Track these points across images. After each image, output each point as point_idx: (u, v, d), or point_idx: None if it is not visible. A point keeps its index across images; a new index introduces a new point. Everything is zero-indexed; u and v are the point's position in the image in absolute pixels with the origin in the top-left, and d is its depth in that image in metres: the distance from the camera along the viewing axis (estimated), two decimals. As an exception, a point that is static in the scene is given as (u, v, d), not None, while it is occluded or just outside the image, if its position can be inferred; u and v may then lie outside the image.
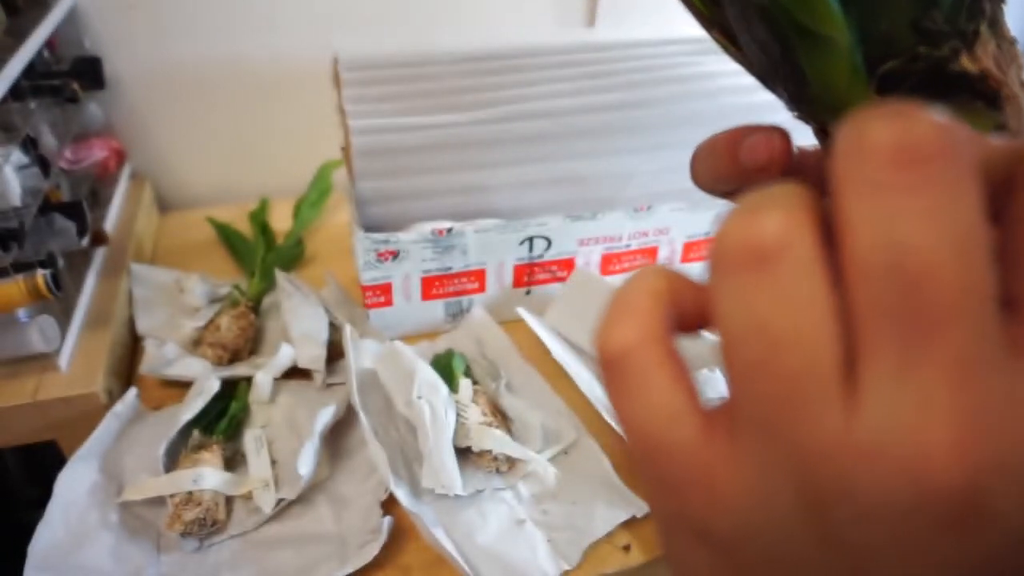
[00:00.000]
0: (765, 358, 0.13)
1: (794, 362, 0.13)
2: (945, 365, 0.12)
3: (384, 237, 0.68)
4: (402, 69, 0.76)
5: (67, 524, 0.54)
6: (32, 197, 0.67)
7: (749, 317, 0.13)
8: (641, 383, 0.15)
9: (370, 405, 0.64)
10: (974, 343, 0.12)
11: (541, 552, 0.55)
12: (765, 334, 0.13)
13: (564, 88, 0.76)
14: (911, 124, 0.12)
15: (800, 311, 0.13)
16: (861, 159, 0.13)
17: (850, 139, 0.13)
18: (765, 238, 0.13)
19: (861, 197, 0.13)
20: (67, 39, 0.86)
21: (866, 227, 0.13)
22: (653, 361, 0.15)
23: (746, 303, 0.13)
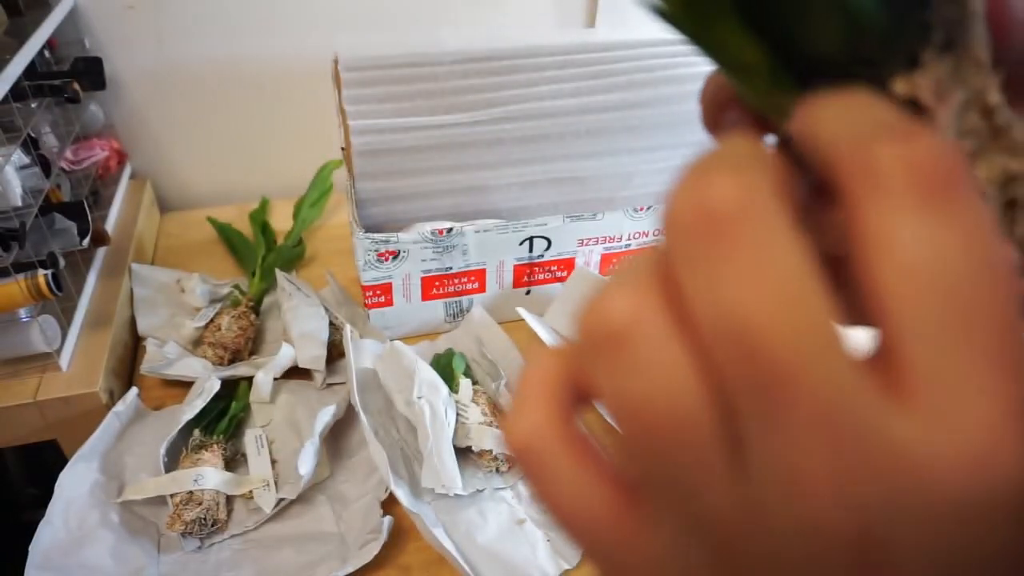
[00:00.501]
0: (639, 432, 0.14)
1: (667, 433, 0.13)
2: (805, 425, 0.12)
3: (384, 237, 0.68)
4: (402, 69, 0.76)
5: (68, 523, 0.54)
6: (33, 197, 0.68)
7: (617, 395, 0.14)
8: (550, 469, 0.16)
9: (370, 405, 0.64)
10: (828, 395, 0.12)
11: (541, 551, 0.55)
12: (636, 411, 0.13)
13: (564, 88, 0.76)
14: (705, 189, 0.13)
15: (659, 383, 0.13)
16: (673, 234, 0.13)
17: (664, 210, 0.13)
18: (617, 320, 0.14)
19: (685, 272, 0.13)
20: (67, 39, 0.86)
21: (697, 302, 0.13)
22: (556, 446, 0.16)
23: (610, 379, 0.14)
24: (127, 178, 0.94)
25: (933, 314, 0.12)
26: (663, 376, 0.13)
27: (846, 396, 0.12)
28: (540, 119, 0.75)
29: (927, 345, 0.12)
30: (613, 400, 0.14)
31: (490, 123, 0.74)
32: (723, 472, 0.13)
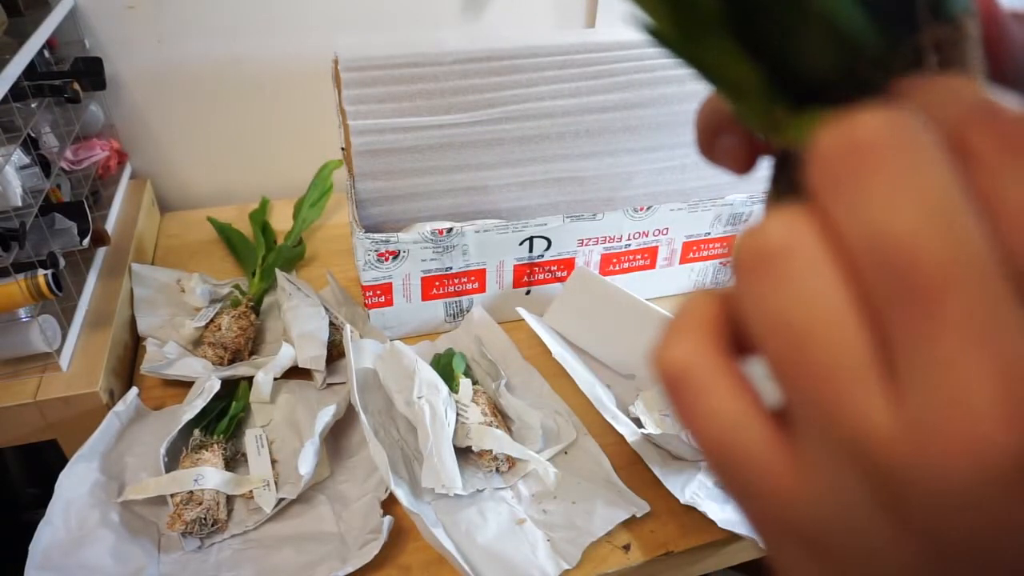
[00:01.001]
0: (795, 356, 0.14)
1: (824, 350, 0.13)
2: (962, 335, 0.12)
3: (384, 237, 0.68)
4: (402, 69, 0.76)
5: (68, 523, 0.54)
6: (33, 197, 0.68)
7: (773, 316, 0.14)
8: (704, 396, 0.15)
9: (370, 405, 0.64)
10: (981, 305, 0.12)
11: (541, 551, 0.55)
12: (792, 330, 0.14)
13: (564, 88, 0.76)
14: (852, 122, 0.13)
15: (819, 304, 0.13)
16: (821, 165, 0.14)
17: (810, 151, 0.14)
18: (774, 242, 0.14)
19: (833, 199, 0.13)
20: (67, 39, 0.86)
21: (847, 224, 0.13)
22: (710, 373, 0.15)
23: (767, 304, 0.14)
24: (127, 178, 0.94)
25: (890, 292, 0.13)
26: (818, 295, 0.13)
27: (1006, 309, 0.12)
28: (540, 119, 0.75)
29: None
30: (767, 323, 0.14)
31: (490, 123, 0.74)
32: (879, 393, 0.13)
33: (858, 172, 0.13)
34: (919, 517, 0.13)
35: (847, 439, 0.14)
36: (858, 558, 0.15)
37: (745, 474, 0.15)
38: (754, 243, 0.14)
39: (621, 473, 0.61)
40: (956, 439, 0.12)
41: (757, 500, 0.15)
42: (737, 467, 0.15)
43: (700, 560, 0.60)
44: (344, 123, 0.72)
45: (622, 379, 0.72)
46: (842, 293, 0.13)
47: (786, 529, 0.15)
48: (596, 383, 0.67)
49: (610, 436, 0.63)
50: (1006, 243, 0.13)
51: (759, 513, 0.16)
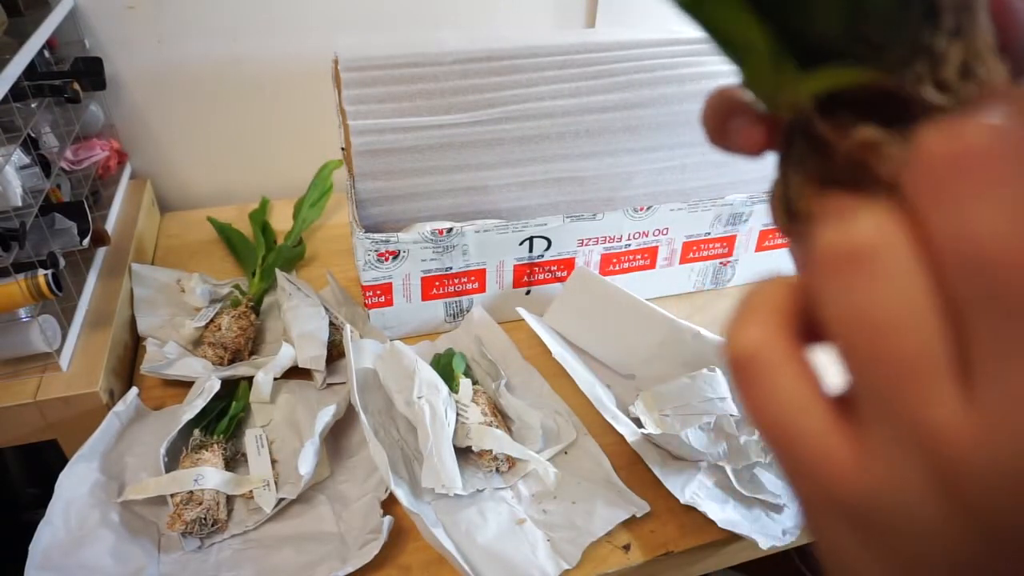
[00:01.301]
0: (876, 347, 0.14)
1: (904, 346, 0.14)
2: None
3: (384, 237, 0.68)
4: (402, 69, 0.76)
5: (68, 523, 0.54)
6: (33, 197, 0.68)
7: (857, 310, 0.15)
8: (770, 379, 0.16)
9: (370, 405, 0.64)
10: None
11: (541, 551, 0.55)
12: (874, 325, 0.14)
13: (564, 88, 0.76)
14: (961, 129, 0.14)
15: (904, 301, 0.14)
16: (924, 168, 0.14)
17: (914, 153, 0.15)
18: (864, 238, 0.15)
19: (931, 202, 0.14)
20: (67, 39, 0.86)
21: (941, 227, 0.14)
22: (780, 358, 0.16)
23: (853, 298, 0.15)
24: (127, 178, 0.94)
25: (976, 295, 0.14)
26: (904, 293, 0.14)
27: None
28: (540, 119, 0.75)
29: None
30: (848, 316, 0.15)
31: (490, 123, 0.74)
32: (953, 389, 0.14)
33: (962, 179, 0.14)
34: (977, 505, 0.14)
35: (917, 429, 0.14)
36: (911, 542, 0.15)
37: (806, 456, 0.16)
38: (842, 238, 0.15)
39: (621, 473, 0.61)
40: (1020, 444, 0.13)
41: (815, 482, 0.16)
42: (799, 449, 0.16)
43: (700, 560, 0.60)
44: (344, 123, 0.73)
45: (622, 379, 0.72)
46: (926, 293, 0.14)
47: (841, 512, 0.16)
48: (596, 383, 0.67)
49: (610, 436, 0.63)
50: None
51: (815, 495, 0.17)
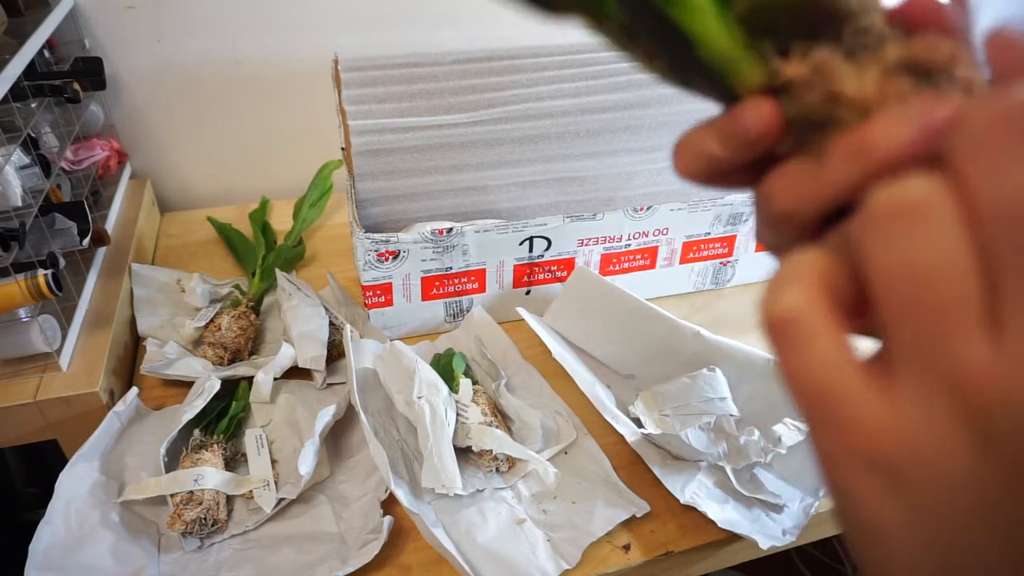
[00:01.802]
0: (918, 293, 0.16)
1: (943, 293, 0.16)
2: None
3: (384, 237, 0.68)
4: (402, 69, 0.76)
5: (68, 523, 0.54)
6: (33, 197, 0.68)
7: (904, 261, 0.16)
8: (808, 341, 0.17)
9: (370, 405, 0.64)
10: None
11: (541, 551, 0.55)
12: (918, 273, 0.16)
13: (564, 88, 0.76)
14: (1007, 97, 0.15)
15: (946, 252, 0.16)
16: (969, 133, 0.16)
17: (958, 117, 0.16)
18: (915, 196, 0.16)
19: (974, 163, 0.16)
20: (67, 39, 0.86)
21: (982, 186, 0.15)
22: (818, 321, 0.17)
23: (900, 250, 0.16)
24: (127, 178, 0.94)
25: (1013, 250, 0.15)
26: (946, 244, 0.16)
27: None
28: (540, 119, 0.75)
29: None
30: (894, 265, 0.16)
31: (490, 123, 0.74)
32: (983, 334, 0.15)
33: (1001, 142, 0.15)
34: (1006, 446, 0.15)
35: (950, 373, 0.16)
36: (941, 488, 0.17)
37: (842, 412, 0.17)
38: (896, 196, 0.16)
39: (621, 473, 0.61)
40: None
41: (848, 436, 0.17)
42: (834, 406, 0.17)
43: (700, 560, 0.60)
44: (344, 123, 0.73)
45: (622, 379, 0.72)
46: (967, 245, 0.16)
47: (873, 465, 0.17)
48: (596, 383, 0.67)
49: (610, 436, 0.63)
50: None
51: (847, 451, 0.18)
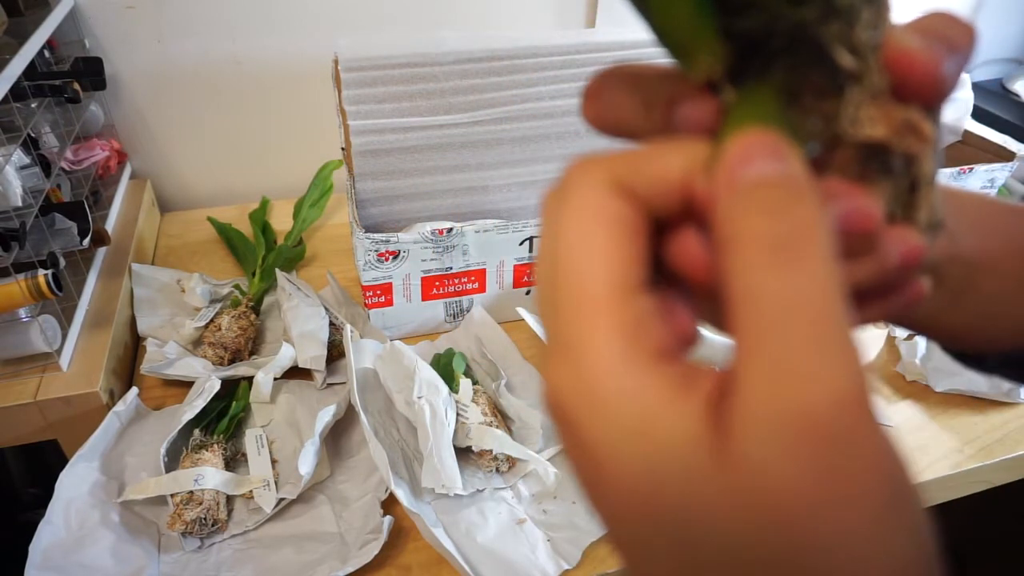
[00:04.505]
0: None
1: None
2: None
3: (384, 237, 0.68)
4: (402, 69, 0.76)
5: (68, 523, 0.54)
6: (33, 197, 0.68)
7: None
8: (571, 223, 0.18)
9: (370, 405, 0.64)
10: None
11: (541, 551, 0.55)
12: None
13: (564, 88, 0.76)
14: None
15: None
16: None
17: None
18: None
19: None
20: (67, 39, 0.86)
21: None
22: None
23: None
24: (127, 178, 0.94)
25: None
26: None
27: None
28: (540, 119, 0.75)
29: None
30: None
31: (490, 123, 0.74)
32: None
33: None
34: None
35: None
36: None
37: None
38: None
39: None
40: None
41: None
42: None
43: (700, 560, 0.60)
44: (344, 123, 0.73)
45: (622, 379, 0.72)
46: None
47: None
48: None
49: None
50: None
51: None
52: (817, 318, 0.14)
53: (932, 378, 0.71)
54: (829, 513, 0.13)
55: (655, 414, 0.15)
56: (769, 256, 0.14)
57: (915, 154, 0.17)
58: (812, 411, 0.13)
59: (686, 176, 0.16)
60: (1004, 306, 0.25)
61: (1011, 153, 0.83)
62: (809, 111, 0.17)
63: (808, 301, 0.14)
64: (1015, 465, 0.67)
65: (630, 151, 0.17)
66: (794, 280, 0.14)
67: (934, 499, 0.66)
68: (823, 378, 0.13)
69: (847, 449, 0.13)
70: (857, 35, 0.16)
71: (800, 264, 0.14)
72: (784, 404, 0.13)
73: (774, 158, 0.15)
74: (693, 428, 0.14)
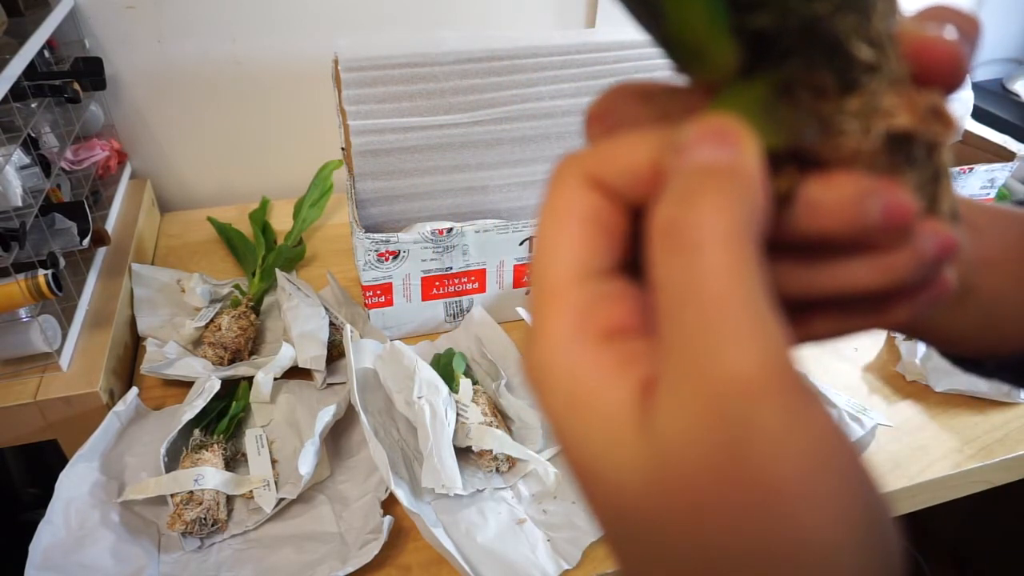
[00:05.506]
0: None
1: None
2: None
3: (384, 237, 0.68)
4: (402, 69, 0.76)
5: (68, 523, 0.54)
6: (33, 197, 0.68)
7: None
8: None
9: (370, 405, 0.64)
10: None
11: (541, 551, 0.55)
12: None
13: (564, 88, 0.76)
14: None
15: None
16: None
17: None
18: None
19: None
20: (67, 39, 0.86)
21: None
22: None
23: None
24: (127, 178, 0.94)
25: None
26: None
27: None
28: (540, 119, 0.75)
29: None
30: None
31: (490, 123, 0.74)
32: None
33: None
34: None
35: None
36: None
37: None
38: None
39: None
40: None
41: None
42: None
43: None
44: (344, 123, 0.73)
45: (622, 379, 0.72)
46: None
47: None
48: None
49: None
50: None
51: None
52: (720, 303, 0.14)
53: (932, 378, 0.71)
54: (724, 490, 0.14)
55: (589, 389, 0.16)
56: (666, 242, 0.15)
57: (939, 142, 0.16)
58: (713, 393, 0.14)
59: (653, 164, 0.16)
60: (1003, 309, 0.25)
61: (1011, 153, 0.83)
62: (805, 106, 0.17)
63: (709, 286, 0.14)
64: (1015, 465, 0.67)
65: (603, 145, 0.17)
66: (691, 266, 0.15)
67: (934, 499, 0.66)
68: (725, 361, 0.14)
69: (745, 429, 0.14)
70: (875, 26, 0.16)
71: (699, 250, 0.15)
72: (691, 383, 0.14)
73: (722, 144, 0.15)
74: (621, 404, 0.15)
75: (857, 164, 0.16)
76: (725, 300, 0.14)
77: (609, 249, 0.17)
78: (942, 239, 0.17)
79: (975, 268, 0.24)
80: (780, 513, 0.14)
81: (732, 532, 0.14)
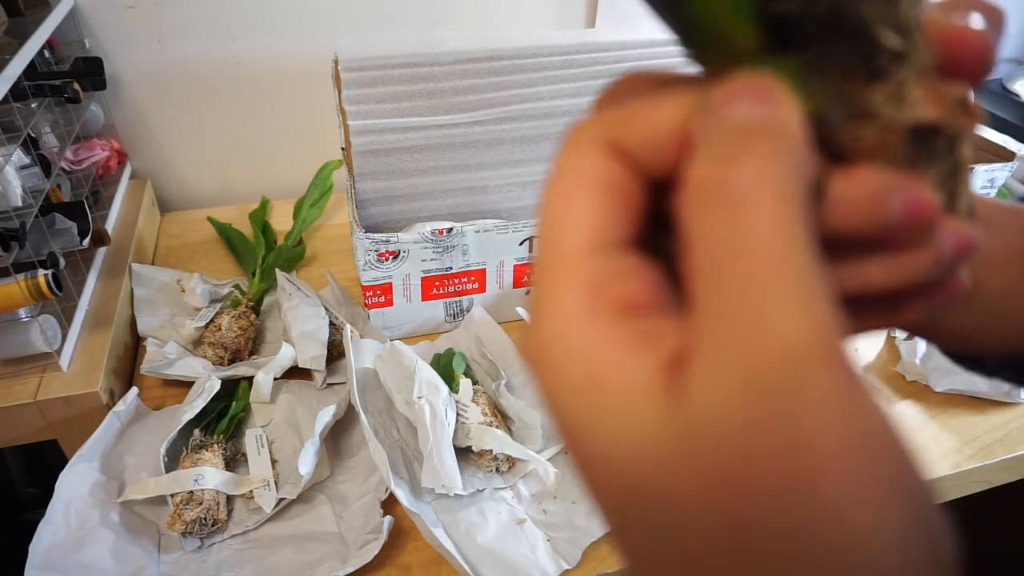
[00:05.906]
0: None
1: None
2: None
3: (384, 237, 0.68)
4: (402, 69, 0.76)
5: (68, 523, 0.54)
6: (33, 197, 0.68)
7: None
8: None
9: (370, 405, 0.64)
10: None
11: (541, 551, 0.55)
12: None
13: (564, 88, 0.76)
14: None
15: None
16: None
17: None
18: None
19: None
20: (67, 39, 0.86)
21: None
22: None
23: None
24: (127, 178, 0.94)
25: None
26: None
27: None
28: (540, 119, 0.75)
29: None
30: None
31: (490, 123, 0.74)
32: None
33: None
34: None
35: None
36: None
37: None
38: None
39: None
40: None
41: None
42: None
43: (700, 560, 0.60)
44: (344, 123, 0.73)
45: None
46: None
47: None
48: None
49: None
50: None
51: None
52: (769, 265, 0.13)
53: (932, 378, 0.71)
54: (764, 464, 0.13)
55: (604, 369, 0.14)
56: (706, 199, 0.14)
57: (962, 136, 0.16)
58: (758, 362, 0.13)
59: (678, 127, 0.15)
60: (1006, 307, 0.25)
61: (1011, 153, 0.83)
62: (836, 89, 0.16)
63: (757, 245, 0.13)
64: (1015, 465, 0.67)
65: (623, 108, 0.16)
66: (736, 223, 0.13)
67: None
68: (773, 328, 0.13)
69: (793, 403, 0.13)
70: (902, 13, 0.15)
71: (745, 207, 0.13)
72: (734, 350, 0.13)
73: (762, 101, 0.14)
74: (642, 382, 0.14)
75: (878, 157, 0.16)
76: (775, 261, 0.13)
77: (626, 221, 0.16)
78: (961, 238, 0.16)
79: (978, 263, 0.24)
80: (822, 490, 0.13)
81: (767, 507, 0.13)
